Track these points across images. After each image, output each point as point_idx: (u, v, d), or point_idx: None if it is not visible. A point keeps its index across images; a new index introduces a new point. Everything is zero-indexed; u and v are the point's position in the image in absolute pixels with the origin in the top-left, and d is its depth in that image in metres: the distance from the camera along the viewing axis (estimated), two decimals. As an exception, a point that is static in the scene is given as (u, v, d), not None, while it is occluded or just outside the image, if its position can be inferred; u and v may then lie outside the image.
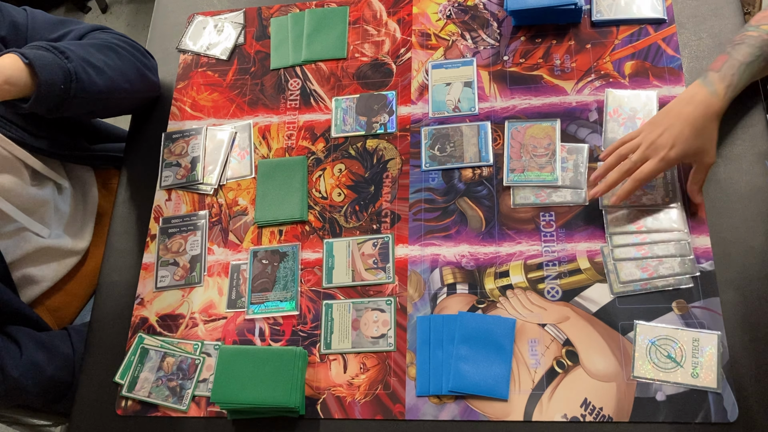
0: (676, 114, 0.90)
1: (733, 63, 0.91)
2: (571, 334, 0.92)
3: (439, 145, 1.08)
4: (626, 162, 0.91)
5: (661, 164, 0.89)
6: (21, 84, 0.94)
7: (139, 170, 1.20)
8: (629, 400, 0.87)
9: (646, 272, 0.92)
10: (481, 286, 0.97)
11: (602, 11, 1.11)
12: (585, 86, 1.07)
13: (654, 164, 0.89)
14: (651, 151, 0.90)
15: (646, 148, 0.90)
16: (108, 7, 2.69)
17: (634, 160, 0.90)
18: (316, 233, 1.07)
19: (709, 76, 0.91)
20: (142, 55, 1.18)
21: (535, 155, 1.03)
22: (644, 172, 0.89)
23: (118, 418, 1.00)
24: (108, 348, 1.05)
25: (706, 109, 0.89)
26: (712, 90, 0.90)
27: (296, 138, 1.15)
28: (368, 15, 1.23)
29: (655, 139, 0.90)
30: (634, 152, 0.91)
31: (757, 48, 0.91)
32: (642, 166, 0.90)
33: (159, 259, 1.10)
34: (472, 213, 1.03)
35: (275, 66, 1.22)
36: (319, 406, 0.95)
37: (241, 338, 1.02)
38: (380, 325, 0.98)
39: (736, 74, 0.90)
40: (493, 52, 1.13)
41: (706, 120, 0.89)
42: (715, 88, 0.90)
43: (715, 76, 0.91)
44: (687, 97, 0.91)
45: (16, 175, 1.06)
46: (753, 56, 0.91)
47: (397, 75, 1.16)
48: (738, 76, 0.90)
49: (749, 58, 0.91)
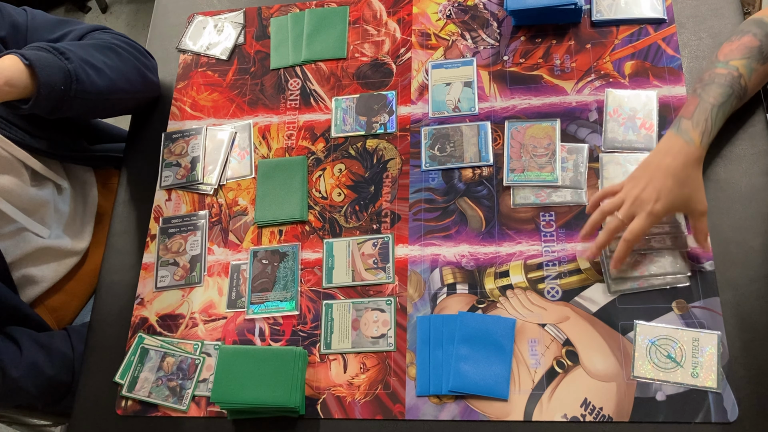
0: (655, 167, 0.88)
1: (704, 107, 0.89)
2: (571, 334, 0.92)
3: (439, 145, 1.08)
4: (613, 220, 0.89)
5: (650, 219, 0.86)
6: (21, 85, 0.94)
7: (139, 170, 1.20)
8: (629, 400, 0.87)
9: (638, 270, 0.92)
10: (481, 286, 0.97)
11: (602, 11, 1.11)
12: (585, 86, 1.07)
13: (642, 221, 0.86)
14: (636, 207, 0.87)
15: (631, 204, 0.88)
16: (108, 7, 2.69)
17: (621, 218, 0.88)
18: (316, 233, 1.07)
19: (683, 124, 0.90)
20: (142, 55, 1.18)
21: (535, 155, 1.03)
22: (633, 231, 0.87)
23: (118, 418, 1.00)
24: (108, 348, 1.05)
25: (686, 159, 0.87)
26: (687, 139, 0.88)
27: (296, 138, 1.15)
28: (368, 15, 1.23)
29: (639, 194, 0.87)
30: (619, 209, 0.89)
31: (728, 87, 0.89)
32: (630, 224, 0.87)
33: (159, 259, 1.10)
34: (472, 213, 1.03)
35: (275, 66, 1.22)
36: (319, 406, 0.95)
37: (241, 338, 1.02)
38: (380, 325, 0.98)
39: (709, 119, 0.88)
40: (493, 52, 1.13)
41: (687, 169, 0.87)
42: (691, 137, 0.88)
43: (688, 125, 0.89)
44: (664, 149, 0.89)
45: (16, 175, 1.06)
46: (724, 96, 0.89)
47: (397, 75, 1.16)
48: (711, 121, 0.89)
49: (720, 99, 0.89)
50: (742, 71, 0.90)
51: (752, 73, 0.90)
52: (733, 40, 0.93)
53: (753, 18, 0.94)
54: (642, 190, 0.88)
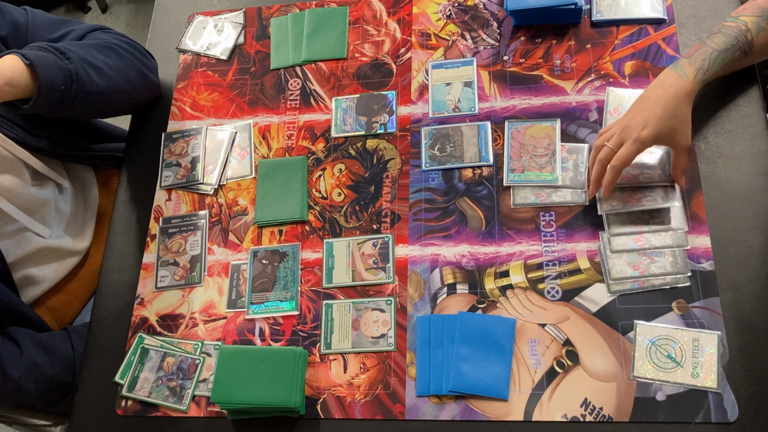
0: (647, 98, 0.92)
1: (705, 50, 0.92)
2: (571, 334, 0.92)
3: (439, 145, 1.08)
4: (603, 150, 0.92)
5: (636, 145, 0.89)
6: (22, 85, 0.94)
7: (139, 170, 1.20)
8: (629, 400, 0.87)
9: (638, 270, 0.92)
10: (481, 286, 0.97)
11: (602, 11, 1.11)
12: (585, 86, 1.07)
13: (628, 147, 0.90)
14: (624, 134, 0.90)
15: (620, 132, 0.91)
16: (108, 7, 2.69)
17: (611, 146, 0.91)
18: (316, 233, 1.07)
19: (680, 62, 0.93)
20: (142, 55, 1.18)
21: (535, 155, 1.03)
22: (620, 158, 0.90)
23: (118, 418, 1.00)
24: (108, 348, 1.05)
25: (677, 91, 0.90)
26: (681, 73, 0.91)
27: (296, 138, 1.15)
28: (368, 15, 1.23)
29: (628, 123, 0.91)
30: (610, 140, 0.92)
31: (732, 37, 0.92)
32: (618, 151, 0.90)
33: (159, 259, 1.10)
34: (472, 213, 1.03)
35: (275, 66, 1.22)
36: (319, 406, 0.95)
37: (241, 338, 1.02)
38: (380, 325, 0.98)
39: (707, 59, 0.91)
40: (493, 52, 1.13)
41: (677, 101, 0.90)
42: (685, 72, 0.91)
43: (685, 62, 0.92)
44: (657, 82, 0.92)
45: (16, 175, 1.06)
46: (727, 44, 0.91)
47: (397, 75, 1.16)
48: (709, 61, 0.91)
49: (722, 45, 0.91)
50: (750, 26, 0.92)
51: (761, 32, 0.92)
52: (749, 2, 0.95)
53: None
54: (631, 119, 0.91)
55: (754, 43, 0.92)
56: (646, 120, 0.89)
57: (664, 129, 0.89)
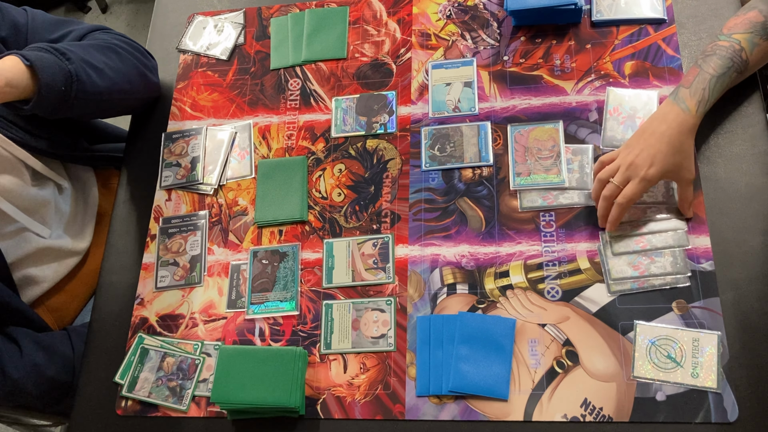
0: (651, 133, 0.90)
1: (703, 77, 0.91)
2: (571, 334, 0.92)
3: (439, 145, 1.08)
4: (609, 186, 0.91)
5: (642, 184, 0.89)
6: (22, 86, 0.94)
7: (139, 170, 1.20)
8: (629, 400, 0.87)
9: (638, 270, 0.92)
10: (481, 286, 0.97)
11: (602, 11, 1.11)
12: (585, 86, 1.07)
13: (635, 185, 0.89)
14: (631, 172, 0.89)
15: (626, 170, 0.90)
16: (108, 7, 2.69)
17: (616, 184, 0.90)
18: (316, 233, 1.07)
19: (680, 92, 0.91)
20: (142, 55, 1.18)
21: (540, 158, 1.03)
22: (626, 195, 0.89)
23: (118, 418, 1.00)
24: (108, 348, 1.05)
25: (680, 126, 0.89)
26: (684, 107, 0.90)
27: (296, 138, 1.15)
28: (368, 15, 1.23)
29: (633, 160, 0.89)
30: (614, 176, 0.91)
31: (728, 59, 0.91)
32: (624, 189, 0.90)
33: (159, 259, 1.10)
34: (472, 213, 1.03)
35: (275, 66, 1.22)
36: (319, 406, 0.95)
37: (241, 338, 1.02)
38: (380, 325, 0.98)
39: (706, 89, 0.90)
40: (493, 52, 1.13)
41: (681, 137, 0.89)
42: (687, 105, 0.90)
43: (685, 93, 0.91)
44: (660, 115, 0.91)
45: (16, 175, 1.06)
46: (724, 68, 0.91)
47: (397, 75, 1.16)
48: (709, 91, 0.90)
49: (720, 70, 0.91)
50: (744, 45, 0.91)
51: (754, 48, 0.92)
52: (739, 15, 0.94)
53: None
54: (636, 156, 0.90)
55: (749, 61, 0.92)
56: (653, 157, 0.88)
57: (670, 165, 0.89)
